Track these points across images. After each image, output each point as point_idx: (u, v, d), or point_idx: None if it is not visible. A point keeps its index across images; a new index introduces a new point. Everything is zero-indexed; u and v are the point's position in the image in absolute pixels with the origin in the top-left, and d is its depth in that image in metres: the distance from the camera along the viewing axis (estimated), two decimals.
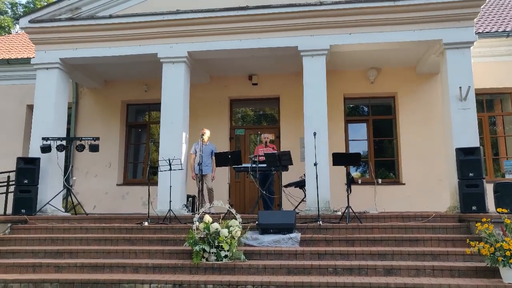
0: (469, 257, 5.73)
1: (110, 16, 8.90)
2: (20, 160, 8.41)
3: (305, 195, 8.29)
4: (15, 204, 8.09)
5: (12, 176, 8.92)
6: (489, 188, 7.25)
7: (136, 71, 10.36)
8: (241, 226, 6.16)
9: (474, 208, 7.06)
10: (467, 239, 5.90)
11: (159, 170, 8.10)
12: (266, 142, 8.87)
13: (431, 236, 6.36)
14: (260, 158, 8.18)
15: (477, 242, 5.46)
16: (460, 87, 7.85)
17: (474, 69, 8.09)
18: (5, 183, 9.39)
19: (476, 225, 5.66)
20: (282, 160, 7.72)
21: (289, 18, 8.42)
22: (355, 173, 10.49)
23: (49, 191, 8.54)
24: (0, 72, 11.44)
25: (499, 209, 5.93)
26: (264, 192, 8.11)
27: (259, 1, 8.45)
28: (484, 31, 9.92)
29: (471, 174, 7.25)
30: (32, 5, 26.05)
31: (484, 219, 5.61)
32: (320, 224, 6.76)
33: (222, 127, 10.67)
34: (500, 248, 5.10)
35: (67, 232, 7.26)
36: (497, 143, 10.47)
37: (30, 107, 10.32)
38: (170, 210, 7.45)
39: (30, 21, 8.95)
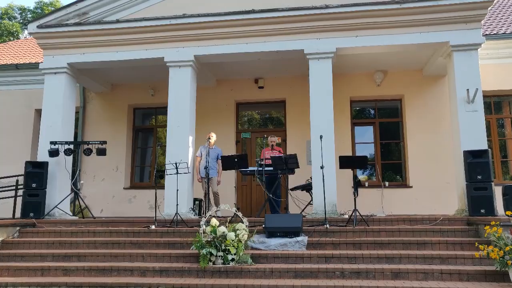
0: (478, 261, 5.66)
1: (117, 21, 8.96)
2: (28, 164, 8.47)
3: (311, 198, 8.27)
4: (24, 208, 8.16)
5: (21, 180, 9.02)
6: (497, 191, 7.21)
7: (143, 75, 10.42)
8: (248, 230, 6.15)
9: (482, 211, 6.99)
10: (476, 243, 5.84)
11: (166, 173, 8.13)
12: (272, 145, 8.87)
13: (439, 240, 6.31)
14: (267, 161, 8.18)
15: (486, 246, 5.41)
16: (468, 89, 7.80)
17: (481, 71, 8.05)
18: (14, 187, 9.47)
19: (485, 228, 5.62)
20: (288, 163, 7.71)
21: (295, 22, 8.43)
22: (362, 176, 10.46)
23: (57, 195, 8.60)
24: (9, 77, 11.58)
25: (508, 212, 5.88)
26: (271, 195, 8.10)
27: (265, 4, 8.46)
28: (491, 33, 9.85)
29: (479, 177, 7.19)
30: (40, 11, 26.33)
31: (493, 222, 5.55)
32: (327, 227, 6.74)
33: (228, 130, 10.69)
34: (509, 251, 5.06)
35: (75, 236, 7.30)
36: (505, 145, 10.38)
37: (38, 112, 10.40)
38: (177, 213, 7.46)
39: (38, 26, 9.04)
